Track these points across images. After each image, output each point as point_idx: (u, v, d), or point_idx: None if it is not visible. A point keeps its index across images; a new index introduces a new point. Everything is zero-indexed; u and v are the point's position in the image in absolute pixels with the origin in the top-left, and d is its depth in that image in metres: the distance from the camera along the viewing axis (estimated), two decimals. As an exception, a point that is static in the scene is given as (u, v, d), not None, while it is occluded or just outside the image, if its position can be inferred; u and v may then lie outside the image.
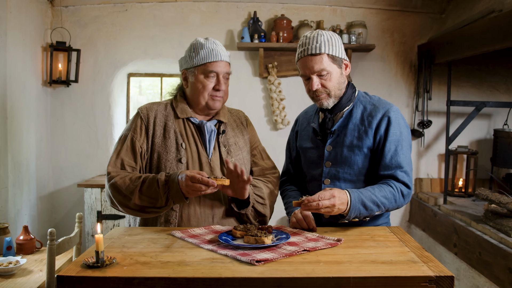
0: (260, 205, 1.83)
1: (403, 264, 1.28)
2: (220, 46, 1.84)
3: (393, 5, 3.91)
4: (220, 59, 1.80)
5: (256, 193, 1.82)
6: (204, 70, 1.80)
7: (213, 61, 1.79)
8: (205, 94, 1.81)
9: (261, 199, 1.83)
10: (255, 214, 1.83)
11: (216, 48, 1.81)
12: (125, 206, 1.70)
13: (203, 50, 1.80)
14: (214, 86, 1.81)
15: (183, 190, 1.61)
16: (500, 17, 2.74)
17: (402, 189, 1.68)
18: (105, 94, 3.92)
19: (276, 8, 3.92)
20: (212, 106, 1.83)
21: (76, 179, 3.93)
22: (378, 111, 1.75)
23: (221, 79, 1.81)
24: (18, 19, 3.31)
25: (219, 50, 1.81)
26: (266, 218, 1.89)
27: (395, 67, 3.98)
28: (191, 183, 1.58)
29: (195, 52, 1.81)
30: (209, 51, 1.79)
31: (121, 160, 1.76)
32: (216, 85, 1.81)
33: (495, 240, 2.67)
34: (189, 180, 1.59)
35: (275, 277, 1.18)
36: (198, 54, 1.80)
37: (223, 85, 1.82)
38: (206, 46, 1.80)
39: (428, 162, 4.05)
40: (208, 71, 1.79)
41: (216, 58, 1.79)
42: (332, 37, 1.71)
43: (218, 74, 1.81)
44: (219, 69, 1.80)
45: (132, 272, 1.22)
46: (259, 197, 1.83)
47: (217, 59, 1.79)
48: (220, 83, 1.81)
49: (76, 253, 2.32)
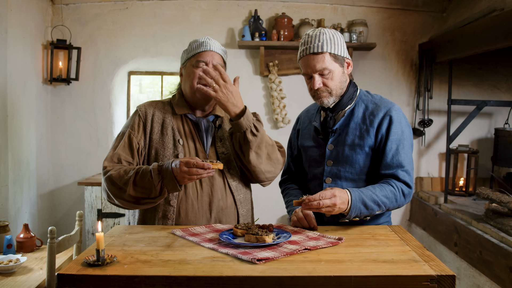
0: (251, 133, 1.74)
1: (405, 263, 1.28)
2: (214, 41, 1.86)
3: (394, 4, 3.90)
4: (209, 49, 1.82)
5: (255, 123, 1.76)
6: (193, 61, 1.83)
7: (202, 51, 1.82)
8: (194, 82, 1.81)
9: (256, 130, 1.75)
10: (242, 141, 1.74)
11: (206, 41, 1.83)
12: (120, 198, 1.70)
13: (195, 43, 1.85)
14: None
15: (177, 177, 1.61)
16: (502, 16, 2.73)
17: (403, 189, 1.68)
18: (106, 92, 3.92)
19: (277, 7, 3.91)
20: (202, 96, 1.81)
21: (77, 177, 3.93)
22: (379, 110, 1.75)
23: (211, 67, 1.80)
24: (19, 17, 3.30)
25: (210, 43, 1.83)
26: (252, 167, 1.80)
27: (396, 66, 3.98)
28: (187, 168, 1.59)
29: (190, 47, 1.86)
30: (199, 44, 1.83)
31: (118, 155, 1.78)
32: None
33: (495, 239, 2.67)
34: (184, 166, 1.59)
35: (276, 276, 1.18)
36: (190, 48, 1.85)
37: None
38: (199, 40, 1.85)
39: (429, 161, 4.05)
40: (197, 61, 1.81)
41: (205, 48, 1.81)
42: (334, 36, 1.71)
43: (207, 63, 1.81)
44: (208, 58, 1.81)
45: (132, 270, 1.22)
46: (255, 126, 1.75)
47: (206, 49, 1.81)
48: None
49: (77, 251, 2.32)
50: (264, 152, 1.81)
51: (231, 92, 1.72)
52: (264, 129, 1.82)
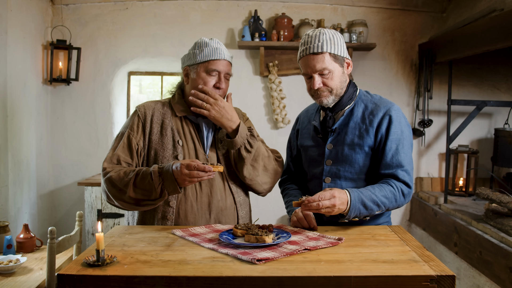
0: (245, 149, 1.77)
1: (404, 263, 1.28)
2: (224, 47, 1.86)
3: (394, 4, 3.90)
4: (223, 57, 1.82)
5: (249, 139, 1.78)
6: (206, 67, 1.81)
7: (216, 59, 1.80)
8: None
9: (250, 146, 1.78)
10: (238, 155, 1.77)
11: (220, 47, 1.83)
12: (120, 199, 1.70)
13: (207, 48, 1.81)
14: (215, 84, 1.81)
15: (178, 179, 1.62)
16: (502, 16, 2.73)
17: (402, 189, 1.68)
18: (106, 92, 3.92)
19: (277, 7, 3.91)
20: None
21: (77, 178, 3.93)
22: (379, 109, 1.75)
23: (222, 77, 1.82)
24: (19, 17, 3.30)
25: (223, 50, 1.83)
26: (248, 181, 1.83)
27: (396, 66, 3.98)
28: (188, 171, 1.59)
29: (199, 49, 1.83)
30: (213, 49, 1.81)
31: (117, 156, 1.77)
32: (217, 83, 1.82)
33: (495, 239, 2.67)
34: (185, 168, 1.59)
35: (276, 276, 1.18)
36: (202, 52, 1.81)
37: (224, 83, 1.83)
38: (211, 44, 1.83)
39: (429, 161, 4.05)
40: (211, 69, 1.80)
41: (220, 56, 1.81)
42: (334, 36, 1.71)
43: (220, 73, 1.82)
44: (221, 67, 1.82)
45: (132, 270, 1.22)
46: (249, 142, 1.78)
47: (220, 58, 1.81)
48: (221, 81, 1.82)
49: (77, 251, 2.32)
50: (261, 165, 1.83)
51: (223, 108, 1.75)
52: (259, 142, 1.83)
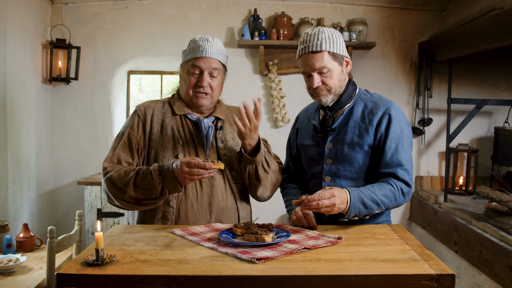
0: (262, 168, 1.79)
1: (404, 262, 1.28)
2: (211, 44, 1.80)
3: (393, 3, 3.90)
4: (204, 55, 1.78)
5: (266, 157, 1.79)
6: (188, 66, 1.81)
7: (196, 57, 1.79)
8: (189, 90, 1.81)
9: (267, 165, 1.80)
10: (255, 174, 1.78)
11: (203, 44, 1.79)
12: (120, 199, 1.69)
13: (190, 47, 1.82)
14: (196, 83, 1.80)
15: (178, 178, 1.61)
16: (501, 15, 2.73)
17: (402, 188, 1.68)
18: (105, 91, 3.92)
19: (277, 6, 3.91)
20: (197, 103, 1.82)
21: (76, 177, 3.93)
22: (379, 108, 1.75)
23: (205, 75, 1.79)
24: (18, 17, 3.30)
25: (206, 47, 1.79)
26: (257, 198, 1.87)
27: (396, 65, 3.97)
28: (188, 168, 1.58)
29: (188, 48, 1.84)
30: (195, 47, 1.80)
31: (117, 156, 1.77)
32: (198, 82, 1.80)
33: (495, 238, 2.67)
34: (185, 166, 1.58)
35: (275, 275, 1.18)
36: (188, 50, 1.83)
37: (206, 81, 1.79)
38: (196, 42, 1.81)
39: (429, 160, 4.04)
40: (192, 67, 1.79)
41: (200, 54, 1.78)
42: (333, 34, 1.70)
43: (202, 70, 1.79)
44: (202, 65, 1.78)
45: (132, 270, 1.22)
46: (266, 161, 1.79)
47: (201, 55, 1.78)
48: (202, 79, 1.78)
49: (76, 251, 2.32)
50: (271, 183, 1.85)
51: (254, 127, 1.70)
52: (274, 161, 1.84)
